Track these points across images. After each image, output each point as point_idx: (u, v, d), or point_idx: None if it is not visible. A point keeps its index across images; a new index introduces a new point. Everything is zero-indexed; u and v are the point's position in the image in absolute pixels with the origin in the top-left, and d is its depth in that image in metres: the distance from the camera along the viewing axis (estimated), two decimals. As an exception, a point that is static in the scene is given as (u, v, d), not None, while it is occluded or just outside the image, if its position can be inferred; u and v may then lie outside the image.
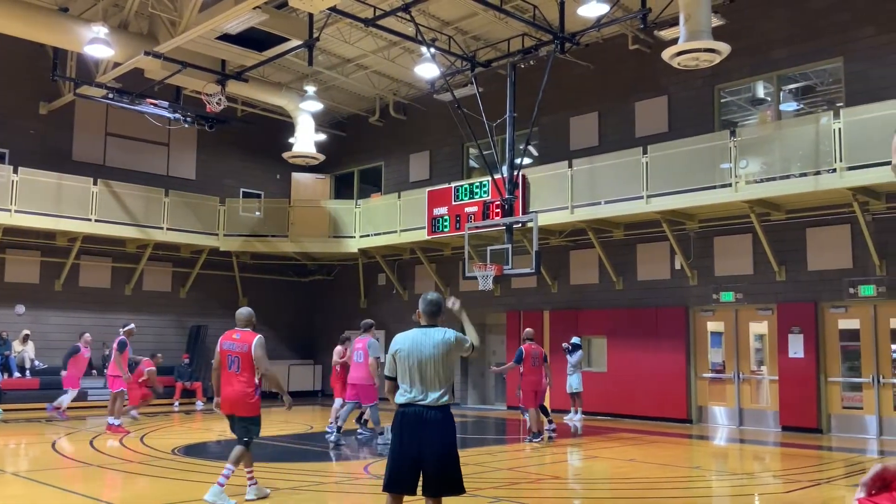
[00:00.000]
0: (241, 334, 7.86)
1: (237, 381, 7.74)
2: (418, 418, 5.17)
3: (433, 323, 5.47)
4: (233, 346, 7.79)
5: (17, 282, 19.68)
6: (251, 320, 8.04)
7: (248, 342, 7.75)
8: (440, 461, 5.13)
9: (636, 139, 17.42)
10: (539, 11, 15.86)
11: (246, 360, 7.74)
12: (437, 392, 5.24)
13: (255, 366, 7.77)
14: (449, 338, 5.37)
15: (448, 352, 5.34)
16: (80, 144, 21.21)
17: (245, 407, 7.80)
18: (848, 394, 14.80)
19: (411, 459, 5.12)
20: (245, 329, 7.94)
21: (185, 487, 9.00)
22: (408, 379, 5.27)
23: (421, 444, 5.11)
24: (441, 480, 5.14)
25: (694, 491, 9.53)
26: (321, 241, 22.29)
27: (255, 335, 7.83)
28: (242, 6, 13.84)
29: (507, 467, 11.33)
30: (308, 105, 19.96)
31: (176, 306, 22.41)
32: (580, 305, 18.61)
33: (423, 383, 5.23)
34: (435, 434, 5.15)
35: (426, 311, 5.48)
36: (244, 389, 7.74)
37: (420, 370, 5.24)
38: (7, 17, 15.20)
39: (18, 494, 8.53)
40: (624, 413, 17.24)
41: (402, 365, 5.29)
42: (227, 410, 7.86)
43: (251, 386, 7.77)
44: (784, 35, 16.00)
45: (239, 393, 7.74)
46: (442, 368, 5.28)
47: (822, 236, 15.06)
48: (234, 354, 7.78)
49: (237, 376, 7.75)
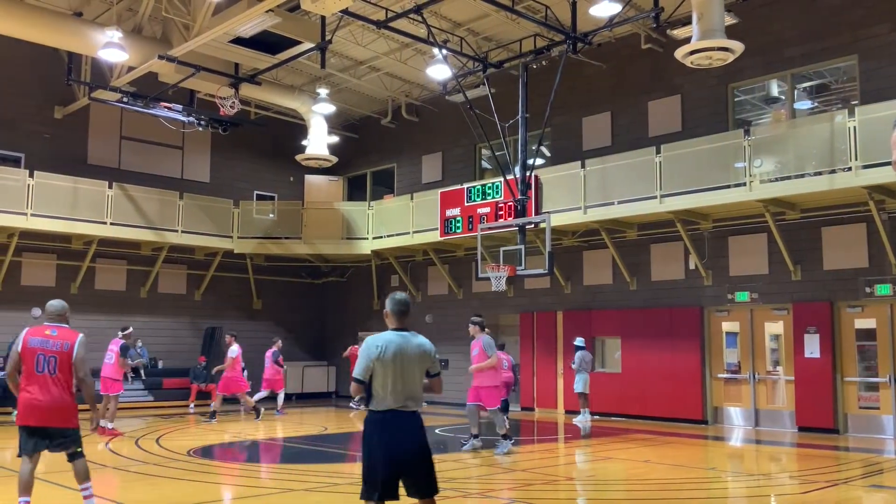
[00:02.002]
0: (57, 330, 6.60)
1: (54, 386, 6.45)
2: (403, 423, 5.10)
3: (405, 324, 5.36)
4: (47, 344, 6.49)
5: (33, 285, 19.83)
6: (65, 314, 6.76)
7: (70, 340, 6.56)
8: (427, 463, 5.21)
9: (649, 139, 17.36)
10: (551, 12, 15.83)
11: (65, 361, 6.51)
12: (419, 396, 5.19)
13: (74, 369, 6.56)
14: (428, 347, 5.32)
15: (424, 359, 5.26)
16: (95, 148, 21.36)
17: (67, 417, 6.54)
18: (864, 394, 14.68)
19: (398, 464, 5.07)
20: (60, 325, 6.69)
21: (201, 489, 9.05)
22: (390, 383, 5.08)
23: (407, 449, 5.09)
24: (431, 482, 5.22)
25: (710, 492, 9.49)
26: (334, 243, 22.35)
27: (77, 332, 6.66)
28: (255, 9, 13.91)
29: (522, 468, 11.32)
30: (321, 107, 20.02)
31: (191, 308, 22.52)
32: (593, 306, 18.57)
33: (406, 388, 5.11)
34: (419, 438, 5.17)
35: (397, 312, 5.33)
36: (63, 396, 6.48)
37: (404, 375, 5.11)
38: (22, 22, 15.34)
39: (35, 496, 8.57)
40: (638, 414, 17.18)
41: (386, 369, 5.07)
42: (37, 422, 6.42)
43: (71, 392, 6.55)
44: (798, 33, 15.91)
45: (58, 400, 6.45)
46: (420, 374, 5.23)
47: (837, 235, 14.95)
48: (49, 354, 6.47)
49: (53, 380, 6.46)
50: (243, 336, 23.11)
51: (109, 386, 14.50)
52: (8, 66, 19.67)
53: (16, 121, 19.98)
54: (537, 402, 19.33)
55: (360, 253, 22.27)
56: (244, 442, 14.47)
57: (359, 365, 5.11)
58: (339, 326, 24.76)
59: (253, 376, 22.38)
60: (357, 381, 5.10)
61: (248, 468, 10.90)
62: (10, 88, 19.90)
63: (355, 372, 5.12)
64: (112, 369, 14.55)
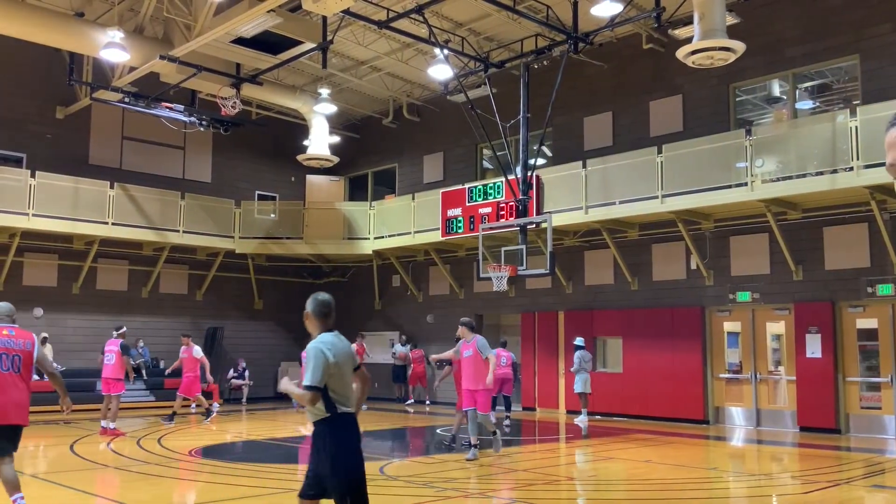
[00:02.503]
0: (14, 330, 6.77)
1: (16, 385, 6.56)
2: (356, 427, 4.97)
3: (331, 326, 5.11)
4: (10, 344, 6.62)
5: (34, 285, 19.86)
6: (13, 315, 6.94)
7: (30, 339, 6.80)
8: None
9: (651, 139, 17.36)
10: (552, 11, 15.83)
11: (28, 359, 6.70)
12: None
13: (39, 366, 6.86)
14: (352, 350, 5.15)
15: (353, 359, 5.07)
16: (96, 148, 21.38)
17: (25, 414, 6.63)
18: (866, 394, 14.67)
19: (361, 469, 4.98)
20: (13, 325, 6.85)
21: (202, 489, 9.06)
22: (345, 385, 4.93)
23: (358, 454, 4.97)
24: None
25: (711, 492, 9.49)
26: (336, 243, 22.36)
27: (30, 332, 6.90)
28: (256, 10, 13.92)
29: (523, 468, 11.32)
30: (322, 107, 20.03)
31: (192, 308, 22.54)
32: (595, 306, 18.57)
33: (348, 390, 4.97)
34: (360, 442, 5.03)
35: (322, 314, 5.08)
36: (24, 394, 6.62)
37: (346, 376, 4.96)
38: (24, 22, 15.36)
39: (37, 496, 8.59)
40: (640, 414, 17.17)
41: (339, 371, 4.88)
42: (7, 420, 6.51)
43: (29, 390, 6.70)
44: (799, 33, 15.90)
45: (21, 398, 6.56)
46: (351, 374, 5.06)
47: (839, 235, 14.95)
48: (13, 353, 6.61)
49: (17, 378, 6.58)
50: (245, 336, 23.24)
51: (112, 386, 14.45)
52: (10, 66, 19.69)
53: (18, 121, 20.00)
54: (538, 402, 19.33)
55: (361, 253, 22.27)
56: (247, 442, 14.47)
57: (314, 373, 4.76)
58: (341, 327, 24.41)
59: (255, 375, 22.43)
60: (315, 390, 4.75)
61: (249, 468, 10.91)
62: (12, 89, 19.92)
63: (311, 380, 4.75)
64: (113, 369, 14.51)
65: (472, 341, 11.36)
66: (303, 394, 4.78)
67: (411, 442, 14.97)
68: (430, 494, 8.91)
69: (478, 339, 11.38)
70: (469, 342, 11.41)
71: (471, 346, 11.38)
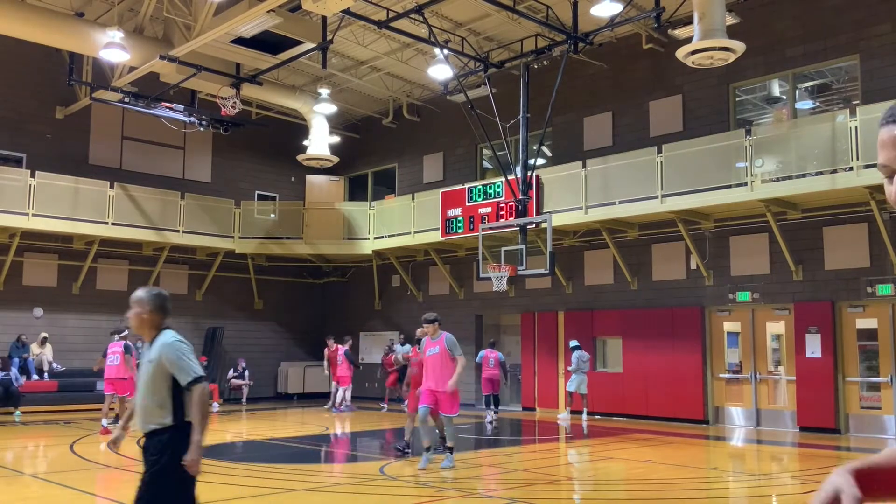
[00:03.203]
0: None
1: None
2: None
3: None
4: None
5: (34, 285, 19.86)
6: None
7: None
8: None
9: (650, 139, 17.36)
10: (552, 11, 15.84)
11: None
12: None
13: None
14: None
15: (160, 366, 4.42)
16: (96, 148, 21.37)
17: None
18: (866, 394, 14.67)
19: None
20: None
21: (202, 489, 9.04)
22: None
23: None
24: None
25: (711, 492, 9.49)
26: (335, 243, 22.36)
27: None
28: (256, 10, 13.92)
29: (523, 468, 11.32)
30: (322, 107, 20.03)
31: (192, 308, 22.52)
32: (595, 306, 18.57)
33: None
34: None
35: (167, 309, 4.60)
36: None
37: None
38: (24, 22, 15.36)
39: (37, 496, 8.60)
40: (640, 414, 17.17)
41: None
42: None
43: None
44: (799, 33, 15.90)
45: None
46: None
47: (838, 235, 14.95)
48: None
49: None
50: (245, 336, 23.23)
51: (117, 386, 14.56)
52: (10, 66, 19.68)
53: (17, 121, 20.00)
54: (538, 402, 19.33)
55: (361, 253, 22.27)
56: (247, 441, 14.47)
57: (196, 363, 4.43)
58: (341, 327, 24.76)
59: (255, 375, 22.42)
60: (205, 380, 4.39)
61: (249, 468, 10.90)
62: (12, 89, 19.92)
63: (199, 370, 4.42)
64: (118, 370, 14.62)
65: (440, 338, 10.30)
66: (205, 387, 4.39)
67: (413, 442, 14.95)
68: (429, 494, 8.91)
69: (446, 337, 10.31)
70: (435, 339, 10.34)
71: (437, 343, 10.29)
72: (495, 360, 16.82)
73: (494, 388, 16.76)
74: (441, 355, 10.17)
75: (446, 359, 10.16)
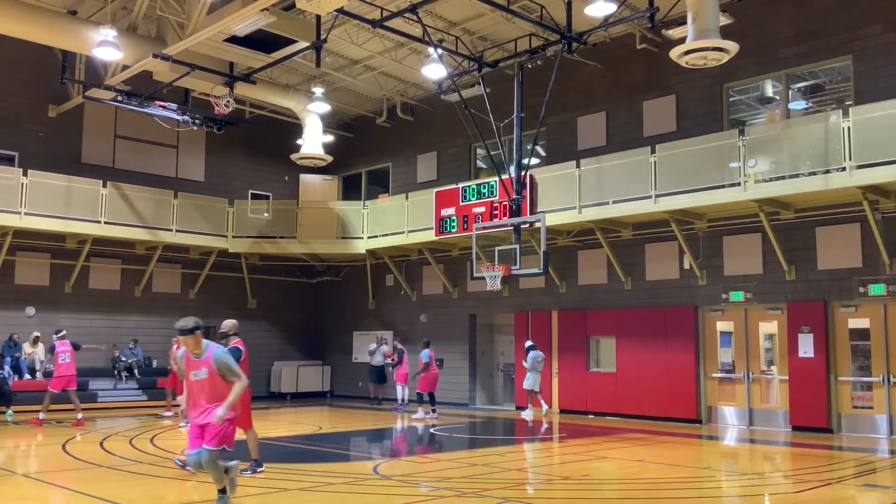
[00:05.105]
0: None
1: None
2: None
3: None
4: None
5: (27, 284, 19.78)
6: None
7: None
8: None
9: (644, 139, 17.39)
10: (546, 11, 15.84)
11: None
12: None
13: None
14: None
15: None
16: (89, 147, 21.30)
17: None
18: (858, 393, 14.73)
19: None
20: None
21: (195, 488, 9.03)
22: None
23: None
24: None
25: (704, 491, 9.51)
26: (329, 243, 22.33)
27: None
28: (250, 8, 13.89)
29: (516, 468, 11.33)
30: (316, 106, 19.99)
31: (185, 308, 22.40)
32: (588, 305, 18.58)
33: None
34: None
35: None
36: None
37: None
38: (16, 20, 15.28)
39: (29, 496, 8.57)
40: (633, 413, 17.20)
41: None
42: None
43: None
44: (792, 33, 15.95)
45: None
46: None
47: (831, 235, 15.00)
48: None
49: None
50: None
51: (73, 381, 15.62)
52: (2, 64, 19.60)
53: (10, 119, 19.92)
54: (532, 401, 19.31)
55: (355, 252, 22.25)
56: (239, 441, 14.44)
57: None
58: (335, 326, 24.75)
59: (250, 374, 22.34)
60: None
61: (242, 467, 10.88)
62: (4, 87, 19.83)
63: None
64: (71, 367, 15.61)
65: (206, 356, 7.18)
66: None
67: (404, 441, 14.95)
68: (423, 494, 8.91)
69: (214, 353, 7.21)
70: (201, 358, 7.19)
71: (204, 362, 7.16)
72: (430, 357, 17.87)
73: (431, 387, 17.72)
74: (210, 380, 7.16)
75: (217, 382, 7.15)
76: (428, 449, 13.85)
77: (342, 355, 24.35)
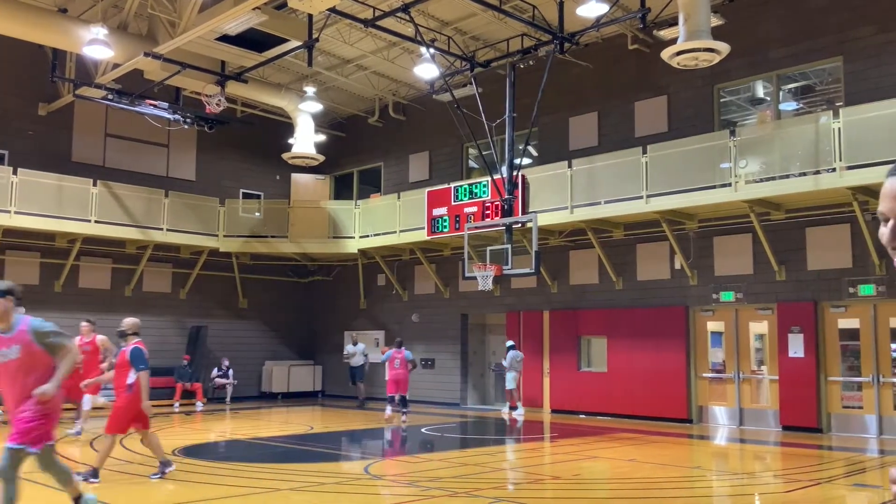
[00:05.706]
0: None
1: None
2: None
3: None
4: None
5: (16, 283, 19.65)
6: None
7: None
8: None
9: (636, 139, 17.42)
10: (538, 11, 15.86)
11: None
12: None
13: None
14: None
15: None
16: (79, 145, 21.20)
17: None
18: (848, 393, 14.80)
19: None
20: None
21: (186, 489, 9.00)
22: None
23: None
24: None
25: (694, 491, 9.53)
26: (321, 242, 22.30)
27: None
28: (242, 7, 13.85)
29: (508, 467, 11.33)
30: (307, 106, 19.96)
31: (176, 307, 22.39)
32: (580, 305, 18.61)
33: None
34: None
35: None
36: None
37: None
38: (6, 18, 15.19)
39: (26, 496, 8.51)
40: (624, 413, 17.23)
41: None
42: None
43: None
44: (783, 34, 16.01)
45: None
46: None
47: (821, 236, 15.06)
48: None
49: None
50: (229, 335, 23.11)
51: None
52: (-9, 62, 19.50)
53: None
54: (523, 401, 19.34)
55: (346, 252, 22.22)
56: (230, 441, 14.41)
57: None
58: (326, 325, 24.70)
59: (239, 374, 22.32)
60: None
61: (233, 467, 10.86)
62: (-6, 85, 19.74)
63: None
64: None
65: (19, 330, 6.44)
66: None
67: (395, 441, 14.95)
68: (414, 494, 8.91)
69: (30, 323, 6.51)
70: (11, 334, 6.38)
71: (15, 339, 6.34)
72: (402, 360, 17.00)
73: (400, 389, 16.93)
74: (22, 359, 6.11)
75: (38, 361, 6.17)
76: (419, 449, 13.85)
77: (334, 355, 24.31)
